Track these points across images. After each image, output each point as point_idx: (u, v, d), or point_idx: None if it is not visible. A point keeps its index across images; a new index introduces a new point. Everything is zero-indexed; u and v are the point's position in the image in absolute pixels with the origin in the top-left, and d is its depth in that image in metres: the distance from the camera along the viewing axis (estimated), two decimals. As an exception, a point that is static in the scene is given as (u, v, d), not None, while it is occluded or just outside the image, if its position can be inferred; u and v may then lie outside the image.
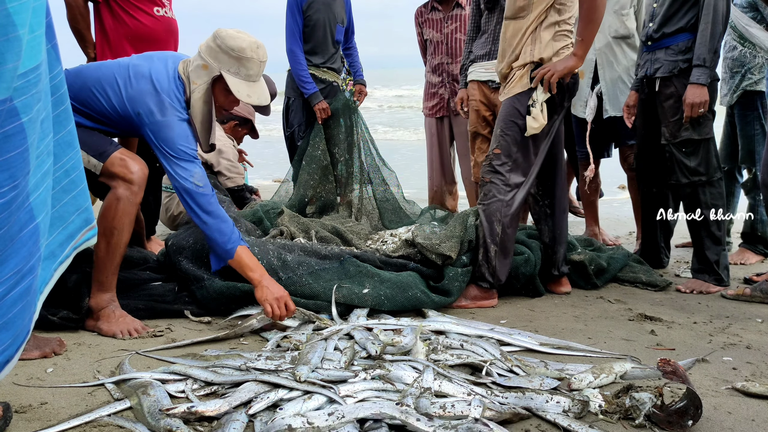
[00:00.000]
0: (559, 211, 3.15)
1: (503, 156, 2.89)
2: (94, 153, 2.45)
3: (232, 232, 2.52)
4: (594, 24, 2.74)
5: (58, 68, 1.64)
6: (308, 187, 3.96)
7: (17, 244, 1.41)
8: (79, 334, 2.42)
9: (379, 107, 21.42)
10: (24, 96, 1.39)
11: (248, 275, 2.51)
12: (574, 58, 2.78)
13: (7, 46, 1.33)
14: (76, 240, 1.76)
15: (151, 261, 3.07)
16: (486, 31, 3.81)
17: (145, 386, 1.85)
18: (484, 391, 1.86)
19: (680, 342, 2.45)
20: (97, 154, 2.45)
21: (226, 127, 4.69)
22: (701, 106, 3.08)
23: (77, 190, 1.75)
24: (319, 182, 4.00)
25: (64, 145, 1.69)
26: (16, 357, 1.45)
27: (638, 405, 1.75)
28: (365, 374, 1.92)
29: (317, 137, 4.04)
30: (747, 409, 1.84)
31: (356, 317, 2.58)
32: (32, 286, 1.47)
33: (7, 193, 1.36)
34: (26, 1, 1.38)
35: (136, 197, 2.47)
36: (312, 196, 4.00)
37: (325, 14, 4.17)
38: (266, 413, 1.71)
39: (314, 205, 4.01)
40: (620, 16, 3.82)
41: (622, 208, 5.77)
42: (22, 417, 1.73)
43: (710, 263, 3.22)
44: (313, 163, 3.99)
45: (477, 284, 2.93)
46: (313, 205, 4.01)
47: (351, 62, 4.52)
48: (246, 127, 4.84)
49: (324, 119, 4.07)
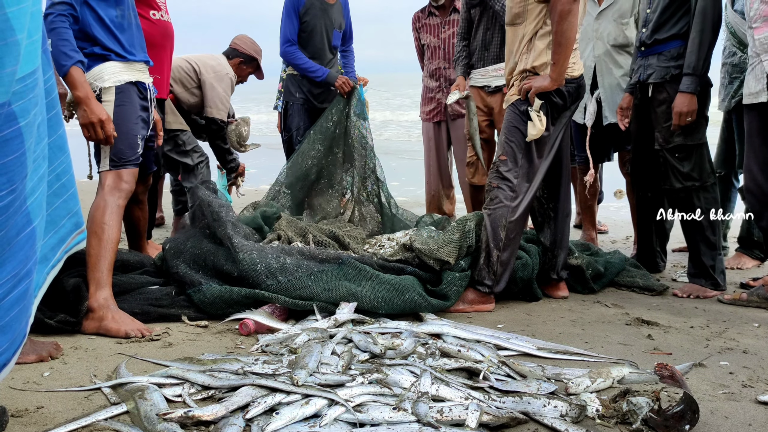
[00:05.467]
0: (562, 215, 3.15)
1: (509, 162, 2.90)
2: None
3: (75, 52, 2.50)
4: (563, 47, 2.72)
5: (49, 72, 1.65)
6: (304, 186, 3.98)
7: (15, 248, 1.41)
8: (76, 338, 2.42)
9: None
10: (22, 100, 1.40)
11: (73, 93, 2.51)
12: (549, 80, 2.79)
13: (6, 51, 1.33)
14: (66, 243, 1.76)
15: (148, 265, 3.07)
16: (476, 38, 3.87)
17: (142, 390, 1.84)
18: (482, 396, 1.86)
19: (677, 346, 2.45)
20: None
21: (232, 63, 4.58)
22: (689, 114, 3.10)
23: (68, 194, 1.75)
24: (315, 181, 4.02)
25: (56, 149, 1.69)
26: (13, 361, 1.45)
27: (635, 409, 1.75)
28: (363, 378, 1.92)
29: (314, 138, 4.04)
30: (744, 414, 1.85)
31: (343, 312, 2.57)
32: (29, 290, 1.47)
33: (5, 197, 1.36)
34: (25, 6, 1.38)
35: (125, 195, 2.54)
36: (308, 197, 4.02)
37: (321, 20, 4.18)
38: (263, 417, 1.71)
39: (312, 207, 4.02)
40: (620, 24, 3.83)
41: (619, 212, 5.78)
42: (19, 421, 1.72)
43: (706, 268, 3.23)
44: (307, 162, 4.00)
45: (475, 288, 2.93)
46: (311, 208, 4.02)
47: (345, 63, 4.53)
48: (251, 65, 4.68)
49: (323, 120, 4.07)
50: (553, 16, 2.72)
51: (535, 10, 2.82)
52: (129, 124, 2.68)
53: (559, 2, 2.67)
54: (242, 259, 2.72)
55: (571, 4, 2.66)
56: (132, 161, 2.69)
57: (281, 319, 2.60)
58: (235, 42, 4.68)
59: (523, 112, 2.88)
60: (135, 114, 2.71)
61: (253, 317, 2.52)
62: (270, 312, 2.59)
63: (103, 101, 2.64)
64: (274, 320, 2.54)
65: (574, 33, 2.73)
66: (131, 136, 2.69)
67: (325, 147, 4.06)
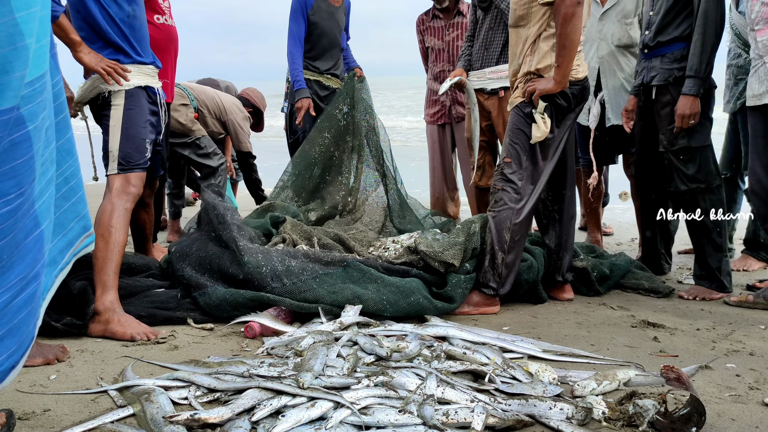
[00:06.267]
0: (567, 217, 3.15)
1: (514, 164, 2.90)
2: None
3: (58, 5, 2.52)
4: (567, 50, 2.72)
5: (58, 76, 1.66)
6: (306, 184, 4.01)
7: (23, 251, 1.42)
8: (82, 341, 2.42)
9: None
10: (30, 104, 1.40)
11: (71, 37, 2.55)
12: (554, 82, 2.78)
13: (15, 55, 1.34)
14: (75, 247, 1.77)
15: (153, 268, 3.08)
16: (478, 38, 3.85)
17: (148, 393, 1.85)
18: (487, 398, 1.85)
19: (683, 349, 2.44)
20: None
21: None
22: (692, 117, 3.10)
23: (76, 197, 1.76)
24: (323, 169, 4.06)
25: (64, 152, 1.70)
26: (21, 363, 1.46)
27: (642, 412, 1.74)
28: (368, 381, 1.92)
29: (322, 126, 4.08)
30: (751, 416, 1.84)
31: (348, 314, 2.57)
32: (37, 293, 1.48)
33: (14, 200, 1.37)
34: (34, 11, 1.39)
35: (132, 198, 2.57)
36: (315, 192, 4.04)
37: (329, 22, 4.22)
38: (269, 420, 1.71)
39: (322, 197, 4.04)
40: (624, 24, 3.83)
41: (624, 214, 5.77)
42: (26, 424, 1.73)
43: (712, 270, 3.22)
44: (315, 150, 4.04)
45: (480, 291, 2.93)
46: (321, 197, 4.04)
47: (344, 55, 4.57)
48: (256, 117, 5.09)
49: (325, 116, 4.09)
50: (557, 19, 2.72)
51: (539, 12, 2.82)
52: (138, 128, 2.69)
53: (563, 5, 2.67)
54: (247, 262, 2.73)
55: (575, 6, 2.66)
56: (140, 165, 2.70)
57: (286, 322, 2.60)
58: (247, 92, 5.11)
59: (528, 114, 2.88)
60: (144, 118, 2.72)
61: (259, 320, 2.52)
62: (275, 315, 2.60)
63: (111, 105, 2.66)
64: (279, 323, 2.54)
65: (578, 35, 2.73)
66: (139, 140, 2.70)
67: (333, 135, 4.08)
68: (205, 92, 4.59)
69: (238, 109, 4.75)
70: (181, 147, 4.28)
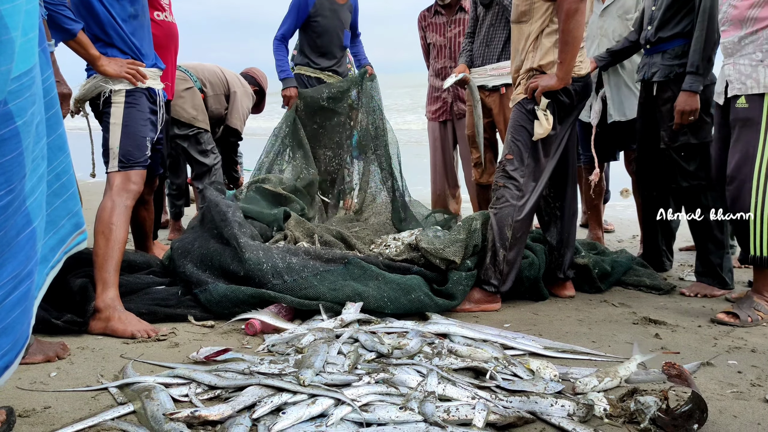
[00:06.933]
0: (569, 214, 3.14)
1: (516, 161, 2.89)
2: None
3: (76, 22, 2.55)
4: (570, 46, 2.71)
5: (48, 72, 1.64)
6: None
7: (15, 248, 1.40)
8: (83, 338, 2.42)
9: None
10: (18, 99, 1.38)
11: (90, 53, 2.60)
12: (556, 79, 2.78)
13: (0, 49, 1.32)
14: (66, 244, 1.75)
15: (154, 265, 3.08)
16: (479, 35, 3.83)
17: (148, 390, 1.84)
18: (489, 395, 1.85)
19: (685, 345, 2.44)
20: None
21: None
22: (691, 113, 3.09)
23: (68, 194, 1.74)
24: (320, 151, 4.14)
25: (55, 148, 1.68)
26: (16, 362, 1.44)
27: (643, 409, 1.74)
28: (369, 378, 1.92)
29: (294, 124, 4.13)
30: (753, 413, 1.83)
31: (349, 311, 2.57)
32: (30, 291, 1.46)
33: (3, 197, 1.35)
34: (19, 4, 1.37)
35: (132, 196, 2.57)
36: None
37: (331, 20, 4.22)
38: (270, 417, 1.71)
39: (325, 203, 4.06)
40: (625, 20, 3.81)
41: (626, 211, 5.76)
42: (26, 421, 1.73)
43: (713, 267, 3.21)
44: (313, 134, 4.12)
45: (481, 288, 2.92)
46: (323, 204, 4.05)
47: (356, 53, 4.57)
48: (258, 96, 5.03)
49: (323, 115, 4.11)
50: (559, 15, 2.71)
51: (542, 9, 2.81)
52: (137, 126, 2.69)
53: (566, 1, 2.66)
54: (248, 259, 2.72)
55: (578, 2, 2.65)
56: (140, 162, 2.70)
57: (287, 319, 2.60)
58: (253, 71, 5.02)
59: (530, 111, 2.87)
60: (144, 116, 2.72)
61: (260, 317, 2.52)
62: (276, 312, 2.59)
63: (112, 103, 2.66)
64: (280, 320, 2.54)
65: (581, 32, 2.72)
66: (139, 138, 2.70)
67: (325, 122, 4.17)
68: (206, 68, 4.54)
69: (242, 84, 4.69)
70: (181, 139, 4.27)
